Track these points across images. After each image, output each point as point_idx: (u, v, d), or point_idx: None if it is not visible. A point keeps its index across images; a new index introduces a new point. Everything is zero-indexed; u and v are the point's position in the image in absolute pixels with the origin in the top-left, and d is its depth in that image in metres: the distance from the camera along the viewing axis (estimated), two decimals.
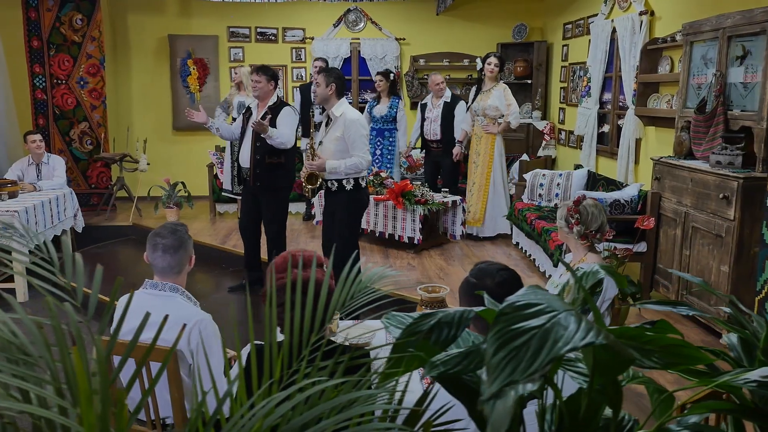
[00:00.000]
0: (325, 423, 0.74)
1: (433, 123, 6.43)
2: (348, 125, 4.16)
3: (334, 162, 4.21)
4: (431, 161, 6.63)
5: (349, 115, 4.20)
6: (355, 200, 4.40)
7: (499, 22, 8.25)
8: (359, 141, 4.17)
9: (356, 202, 4.43)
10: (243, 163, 4.89)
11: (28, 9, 6.99)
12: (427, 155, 6.69)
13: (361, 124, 4.24)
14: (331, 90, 4.21)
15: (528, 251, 5.60)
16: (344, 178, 4.30)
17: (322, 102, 4.33)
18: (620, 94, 6.07)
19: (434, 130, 6.42)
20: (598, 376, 0.83)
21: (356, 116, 4.25)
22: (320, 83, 4.23)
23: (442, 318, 0.96)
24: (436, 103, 6.44)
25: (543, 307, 0.73)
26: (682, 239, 4.10)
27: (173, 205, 6.92)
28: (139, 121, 8.05)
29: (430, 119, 6.46)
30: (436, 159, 6.55)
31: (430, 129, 6.46)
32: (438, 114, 6.39)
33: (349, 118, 4.18)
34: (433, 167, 6.63)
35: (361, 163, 4.20)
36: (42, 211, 5.52)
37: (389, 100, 6.71)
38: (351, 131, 4.16)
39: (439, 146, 6.44)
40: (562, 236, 2.92)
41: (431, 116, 6.45)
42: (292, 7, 8.05)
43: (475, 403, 0.93)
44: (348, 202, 4.36)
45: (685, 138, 4.25)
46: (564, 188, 5.82)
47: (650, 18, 5.45)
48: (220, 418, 0.88)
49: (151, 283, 2.33)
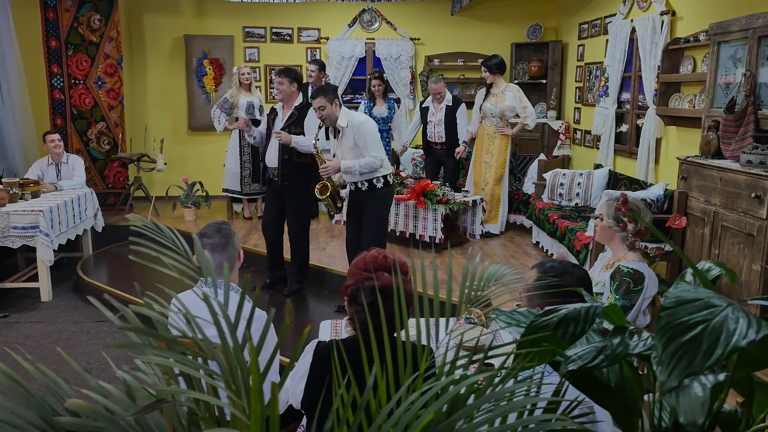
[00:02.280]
0: (484, 417, 0.76)
1: (437, 126, 6.47)
2: (357, 129, 4.18)
3: (347, 161, 4.26)
4: (434, 161, 6.69)
5: (356, 120, 4.23)
6: (382, 200, 4.42)
7: (513, 22, 8.26)
8: (370, 141, 4.20)
9: (383, 201, 4.45)
10: (270, 163, 4.90)
11: (47, 9, 7.01)
12: (429, 155, 6.73)
13: (370, 125, 4.26)
14: (335, 105, 4.23)
15: (549, 250, 5.61)
16: (374, 178, 4.33)
17: (332, 121, 4.30)
18: (640, 93, 6.09)
19: (438, 133, 6.48)
20: (740, 369, 0.84)
21: (362, 119, 4.29)
22: (324, 106, 4.20)
23: (568, 314, 0.98)
24: (438, 107, 6.47)
25: (704, 302, 0.75)
26: (710, 238, 4.12)
27: (191, 204, 6.93)
28: (155, 121, 8.07)
29: (433, 122, 6.50)
30: (439, 158, 6.61)
31: (434, 132, 6.51)
32: (441, 118, 6.44)
33: (357, 123, 4.21)
34: (435, 166, 6.69)
35: (375, 162, 4.22)
36: (65, 211, 5.54)
37: (384, 101, 6.79)
38: (362, 134, 4.18)
39: (443, 147, 6.49)
40: (604, 235, 2.93)
41: (434, 120, 6.49)
42: (307, 8, 8.06)
43: (605, 395, 0.95)
44: (376, 202, 4.38)
45: (712, 137, 4.27)
46: (585, 188, 5.84)
47: (671, 18, 5.46)
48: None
49: (203, 282, 2.34)
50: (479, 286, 1.13)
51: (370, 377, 0.90)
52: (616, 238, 2.88)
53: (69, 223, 5.61)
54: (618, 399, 0.94)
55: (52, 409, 0.75)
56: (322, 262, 5.52)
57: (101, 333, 4.70)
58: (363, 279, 1.82)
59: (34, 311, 5.11)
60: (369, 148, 4.19)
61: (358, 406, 0.94)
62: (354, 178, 4.32)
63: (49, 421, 0.74)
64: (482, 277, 1.16)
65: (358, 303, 1.81)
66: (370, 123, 4.28)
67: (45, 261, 5.20)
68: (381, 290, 1.76)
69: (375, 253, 1.91)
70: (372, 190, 4.35)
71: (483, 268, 1.25)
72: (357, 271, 1.87)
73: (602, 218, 2.87)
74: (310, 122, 4.69)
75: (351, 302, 1.85)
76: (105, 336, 4.64)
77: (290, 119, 4.80)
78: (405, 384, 0.85)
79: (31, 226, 5.12)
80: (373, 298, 1.76)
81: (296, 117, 4.77)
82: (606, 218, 2.84)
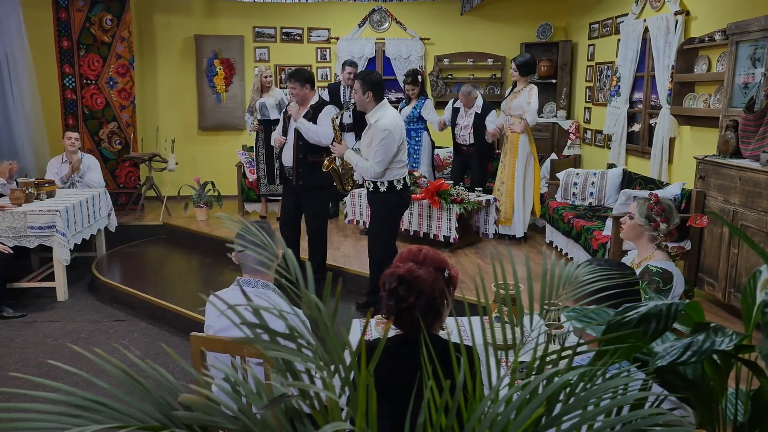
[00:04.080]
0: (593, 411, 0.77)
1: (463, 130, 6.47)
2: (376, 133, 4.16)
3: (352, 154, 4.36)
4: (460, 160, 6.66)
5: (380, 124, 4.16)
6: (385, 203, 4.38)
7: (523, 22, 8.28)
8: (379, 150, 4.14)
9: (388, 205, 4.39)
10: (286, 162, 4.92)
11: (59, 9, 7.02)
12: (456, 154, 6.72)
13: (389, 137, 4.13)
14: (368, 97, 4.20)
15: (564, 249, 5.63)
16: (366, 180, 4.37)
17: (362, 108, 4.35)
18: (652, 93, 6.10)
19: (464, 137, 6.47)
20: None
21: (386, 125, 4.14)
22: (357, 90, 4.24)
23: (650, 311, 0.99)
24: (467, 111, 6.46)
25: None
26: (729, 237, 4.13)
27: (203, 204, 6.95)
28: (165, 120, 8.08)
29: (460, 126, 6.49)
30: (466, 159, 6.58)
31: (461, 134, 6.50)
32: (470, 122, 6.42)
33: (378, 127, 4.16)
34: (461, 166, 6.65)
35: (368, 169, 4.19)
36: (80, 211, 5.55)
37: (416, 101, 6.77)
38: (377, 139, 4.16)
39: (471, 149, 6.48)
40: (632, 233, 2.93)
41: (462, 123, 6.48)
42: (317, 8, 8.08)
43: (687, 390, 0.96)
44: (383, 205, 4.38)
45: (730, 137, 4.28)
46: (599, 187, 5.85)
47: (685, 18, 5.47)
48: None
49: (243, 281, 2.36)
50: (559, 284, 1.14)
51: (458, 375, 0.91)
52: (644, 236, 2.89)
53: (84, 223, 5.62)
54: (699, 393, 0.96)
55: (168, 404, 0.77)
56: (338, 262, 5.54)
57: (120, 332, 4.71)
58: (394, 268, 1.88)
59: (51, 311, 5.12)
60: (373, 155, 4.16)
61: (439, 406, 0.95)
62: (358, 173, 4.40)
63: (167, 414, 0.75)
64: (561, 275, 1.17)
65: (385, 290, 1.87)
66: (392, 136, 4.14)
67: (61, 261, 5.21)
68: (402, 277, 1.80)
69: (414, 248, 1.95)
70: (375, 192, 4.36)
71: (561, 267, 1.26)
72: (396, 263, 1.92)
73: (632, 216, 2.88)
74: (322, 120, 4.71)
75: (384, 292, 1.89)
76: (124, 335, 4.66)
77: (305, 117, 4.81)
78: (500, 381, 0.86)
79: (47, 226, 5.14)
80: (395, 285, 1.81)
81: (312, 115, 4.79)
82: (638, 216, 2.84)
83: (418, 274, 1.79)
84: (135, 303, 5.11)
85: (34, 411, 0.69)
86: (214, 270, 5.96)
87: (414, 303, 1.76)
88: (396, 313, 1.77)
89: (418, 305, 1.76)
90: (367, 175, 4.23)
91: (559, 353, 0.92)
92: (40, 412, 0.69)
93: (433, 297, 1.80)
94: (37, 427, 0.67)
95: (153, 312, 4.95)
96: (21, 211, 5.11)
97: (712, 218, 4.35)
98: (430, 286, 1.80)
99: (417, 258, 1.85)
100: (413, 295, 1.77)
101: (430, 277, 1.81)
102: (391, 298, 1.79)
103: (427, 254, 1.88)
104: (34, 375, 3.94)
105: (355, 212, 6.40)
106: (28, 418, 0.68)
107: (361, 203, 6.35)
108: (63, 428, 0.67)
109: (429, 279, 1.80)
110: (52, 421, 0.68)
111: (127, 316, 5.04)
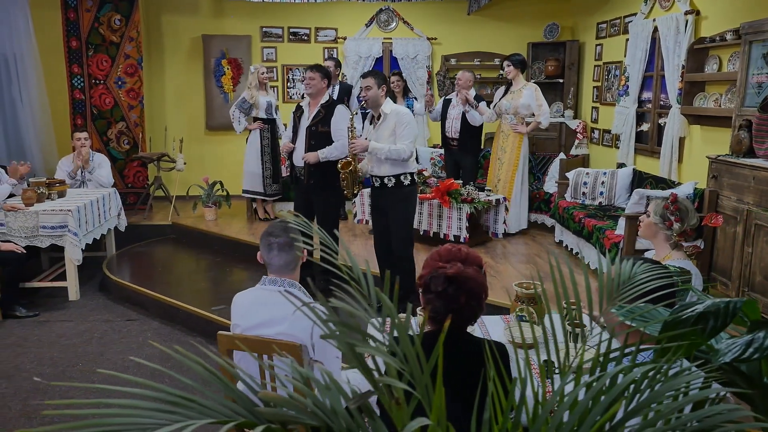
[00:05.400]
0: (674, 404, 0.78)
1: (454, 121, 6.46)
2: (399, 117, 4.30)
3: (377, 143, 4.32)
4: (452, 160, 6.67)
5: (400, 109, 4.39)
6: (407, 198, 4.44)
7: (529, 21, 8.29)
8: (407, 132, 4.29)
9: (409, 200, 4.47)
10: (297, 163, 4.92)
11: (67, 9, 7.03)
12: (447, 154, 6.73)
13: (411, 117, 4.39)
14: (382, 92, 4.34)
15: (575, 249, 5.64)
16: (402, 174, 4.36)
17: (373, 104, 4.37)
18: (662, 92, 6.11)
19: (455, 128, 6.45)
20: None
21: (406, 110, 4.44)
22: (371, 86, 4.29)
23: (707, 309, 1.00)
24: (458, 98, 6.43)
25: None
26: (743, 236, 4.14)
27: (212, 204, 6.95)
28: (173, 120, 8.09)
29: (451, 116, 6.49)
30: (456, 158, 6.59)
31: (451, 126, 6.49)
32: (459, 112, 6.41)
33: (400, 111, 4.36)
34: (453, 167, 6.66)
35: (405, 150, 4.27)
36: (91, 211, 5.56)
37: (404, 100, 6.80)
38: (402, 122, 4.29)
39: (458, 144, 6.47)
40: (648, 231, 2.94)
41: (453, 113, 6.47)
42: (324, 8, 8.08)
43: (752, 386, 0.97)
44: (401, 201, 4.41)
45: (744, 136, 4.29)
46: (609, 187, 5.86)
47: (696, 17, 5.48)
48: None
49: (269, 280, 2.37)
50: (621, 284, 1.15)
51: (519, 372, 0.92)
52: (660, 235, 2.91)
53: (95, 223, 5.64)
54: (760, 389, 0.97)
55: (250, 400, 0.78)
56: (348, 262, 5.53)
57: (133, 332, 4.72)
58: (437, 268, 1.85)
59: (63, 310, 5.13)
60: (404, 137, 4.28)
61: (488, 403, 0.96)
62: (379, 167, 4.35)
63: (250, 410, 0.76)
64: (622, 274, 1.17)
65: (431, 292, 1.86)
66: (412, 117, 4.39)
67: (73, 260, 5.22)
68: (452, 278, 1.81)
69: (449, 246, 1.95)
70: (399, 188, 4.38)
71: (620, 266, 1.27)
72: (432, 262, 1.92)
73: (649, 214, 2.90)
74: (340, 120, 4.72)
75: (425, 292, 1.89)
76: (137, 334, 4.66)
77: (317, 117, 4.82)
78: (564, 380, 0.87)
79: (59, 226, 5.14)
80: (444, 287, 1.80)
81: (323, 115, 4.80)
82: (653, 215, 2.86)
83: (467, 274, 1.79)
84: (147, 302, 5.12)
85: (130, 406, 0.70)
86: (224, 269, 5.97)
87: (464, 303, 1.77)
88: (445, 314, 1.77)
89: (467, 305, 1.77)
90: (404, 155, 4.28)
91: (622, 350, 0.93)
92: (136, 408, 0.70)
93: (481, 296, 1.81)
94: (135, 422, 0.68)
95: (165, 311, 4.96)
96: (33, 210, 5.12)
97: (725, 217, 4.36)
98: (480, 286, 1.81)
99: (459, 256, 1.85)
100: (464, 295, 1.77)
101: (479, 276, 1.83)
102: (439, 299, 1.78)
103: (468, 253, 1.88)
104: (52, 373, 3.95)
105: (364, 212, 6.40)
106: (126, 413, 0.69)
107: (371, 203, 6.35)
108: (160, 423, 0.68)
109: (478, 278, 1.81)
110: (148, 416, 0.69)
111: (139, 315, 5.05)
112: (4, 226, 5.08)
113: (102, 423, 0.66)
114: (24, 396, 3.71)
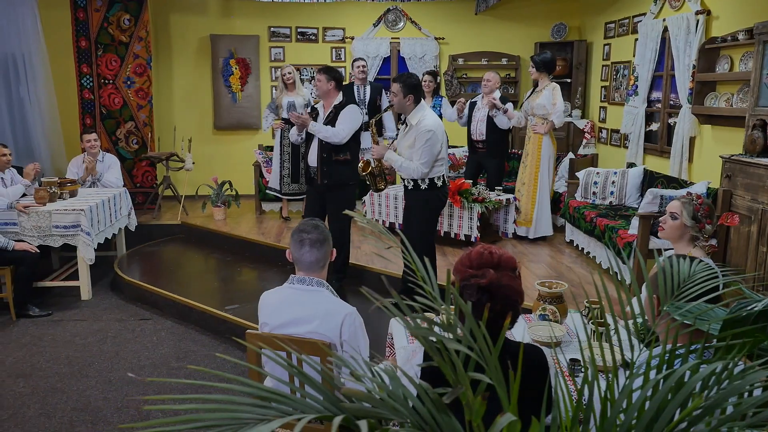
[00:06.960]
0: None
1: (479, 123, 6.43)
2: (420, 133, 4.16)
3: (394, 155, 4.32)
4: (475, 161, 6.62)
5: (423, 125, 4.17)
6: (426, 201, 4.39)
7: (537, 21, 8.30)
8: (424, 151, 4.15)
9: (429, 203, 4.41)
10: (311, 162, 4.93)
11: (77, 9, 7.04)
12: (471, 155, 6.70)
13: (434, 138, 4.16)
14: (409, 101, 4.23)
15: (586, 248, 5.64)
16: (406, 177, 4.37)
17: (400, 110, 4.36)
18: (672, 92, 6.12)
19: (480, 130, 6.41)
20: None
21: (430, 126, 4.15)
22: (397, 93, 4.23)
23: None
24: (484, 102, 6.43)
25: None
26: (758, 236, 4.15)
27: (221, 203, 6.96)
28: (182, 120, 8.10)
29: (476, 119, 6.46)
30: (480, 159, 6.54)
31: (476, 129, 6.46)
32: (485, 114, 6.37)
33: (422, 129, 4.15)
34: (475, 167, 6.62)
35: (414, 171, 4.19)
36: (103, 210, 5.57)
37: (432, 99, 6.77)
38: (422, 140, 4.15)
39: (484, 147, 6.43)
40: (675, 233, 2.95)
41: (478, 116, 6.45)
42: (332, 7, 8.09)
43: None
44: (423, 202, 4.38)
45: (757, 136, 4.30)
46: (619, 186, 5.86)
47: (706, 17, 5.49)
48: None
49: (297, 279, 2.37)
50: (680, 283, 1.15)
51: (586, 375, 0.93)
52: (686, 236, 2.91)
53: (106, 222, 5.64)
54: None
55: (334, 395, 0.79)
56: (360, 261, 5.56)
57: (147, 331, 4.73)
58: (468, 276, 1.78)
59: (76, 309, 5.14)
60: (419, 156, 4.17)
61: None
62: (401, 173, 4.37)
63: (335, 404, 0.77)
64: (681, 273, 1.18)
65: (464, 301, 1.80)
66: (435, 137, 4.16)
67: (86, 260, 5.23)
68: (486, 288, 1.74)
69: (480, 249, 1.86)
70: (416, 190, 4.36)
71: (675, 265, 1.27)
72: (462, 268, 1.82)
73: (676, 216, 2.90)
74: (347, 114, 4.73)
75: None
76: (151, 334, 4.67)
77: (329, 118, 4.83)
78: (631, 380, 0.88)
79: (72, 225, 5.15)
80: (478, 297, 1.73)
81: (334, 116, 4.81)
82: (685, 217, 2.86)
83: (502, 283, 1.71)
84: (160, 302, 5.13)
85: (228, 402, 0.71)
86: (235, 269, 5.98)
87: (500, 311, 1.69)
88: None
89: (502, 313, 1.69)
90: (414, 175, 4.23)
91: (687, 348, 0.94)
92: (233, 403, 0.71)
93: (517, 301, 1.74)
94: (235, 416, 0.69)
95: (178, 311, 4.97)
96: (46, 210, 5.13)
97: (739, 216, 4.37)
98: (516, 293, 1.74)
99: (492, 261, 1.75)
100: (499, 304, 1.70)
101: (513, 282, 1.74)
102: (474, 310, 1.68)
103: (501, 256, 1.78)
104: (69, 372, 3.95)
105: (374, 211, 6.41)
106: (225, 409, 0.69)
107: (380, 202, 6.37)
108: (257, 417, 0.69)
109: (513, 285, 1.73)
110: (245, 411, 0.70)
111: (152, 314, 5.06)
112: (18, 225, 5.09)
113: (201, 418, 0.67)
114: (42, 395, 3.72)
